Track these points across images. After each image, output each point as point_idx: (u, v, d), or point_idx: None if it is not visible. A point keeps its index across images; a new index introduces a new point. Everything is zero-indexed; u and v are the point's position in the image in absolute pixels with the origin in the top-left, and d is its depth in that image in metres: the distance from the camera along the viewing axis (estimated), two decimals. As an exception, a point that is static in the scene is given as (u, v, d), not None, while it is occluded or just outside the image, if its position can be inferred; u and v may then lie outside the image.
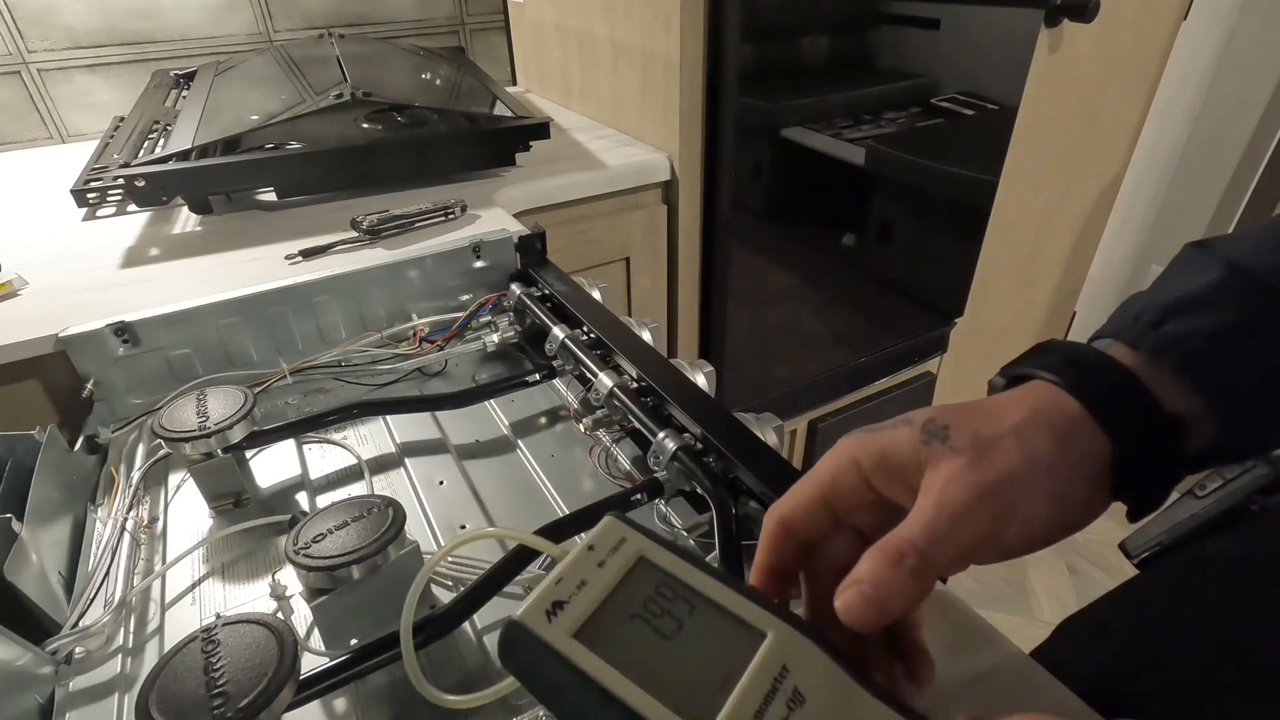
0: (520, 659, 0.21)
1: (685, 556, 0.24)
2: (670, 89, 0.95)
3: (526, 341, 0.66)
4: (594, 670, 0.20)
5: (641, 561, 0.24)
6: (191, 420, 0.46)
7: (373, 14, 1.34)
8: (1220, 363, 0.26)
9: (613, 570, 0.23)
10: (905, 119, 1.81)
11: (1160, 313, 0.27)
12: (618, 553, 0.24)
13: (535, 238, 0.72)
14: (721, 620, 0.23)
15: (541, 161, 0.98)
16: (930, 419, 0.26)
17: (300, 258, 0.73)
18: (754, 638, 0.22)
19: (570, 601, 0.22)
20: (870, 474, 0.26)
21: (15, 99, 1.14)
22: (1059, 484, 0.25)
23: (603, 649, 0.21)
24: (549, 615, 0.21)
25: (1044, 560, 1.38)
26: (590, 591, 0.22)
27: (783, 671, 0.21)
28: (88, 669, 0.38)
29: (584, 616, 0.22)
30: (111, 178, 0.84)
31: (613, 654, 0.21)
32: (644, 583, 0.23)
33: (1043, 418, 0.25)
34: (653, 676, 0.20)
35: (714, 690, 0.20)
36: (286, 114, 0.86)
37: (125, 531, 0.46)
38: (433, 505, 0.49)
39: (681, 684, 0.20)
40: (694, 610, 0.23)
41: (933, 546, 0.23)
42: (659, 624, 0.22)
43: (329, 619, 0.36)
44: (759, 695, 0.20)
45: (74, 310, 0.63)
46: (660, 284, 1.11)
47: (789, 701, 0.21)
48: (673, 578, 0.24)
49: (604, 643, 0.21)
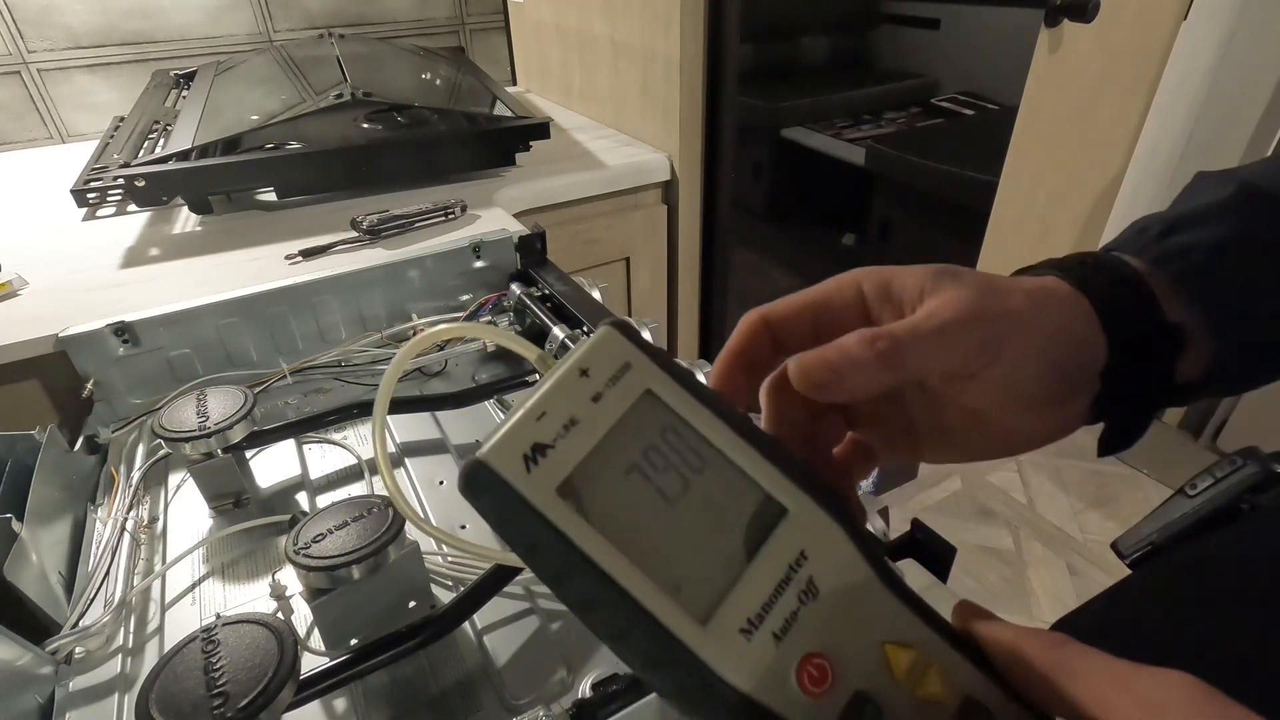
0: (489, 505, 0.18)
1: (700, 395, 0.20)
2: (670, 89, 0.95)
3: (526, 341, 0.66)
4: (580, 538, 0.17)
5: (647, 397, 0.19)
6: (191, 420, 0.46)
7: (373, 14, 1.34)
8: (1220, 276, 0.25)
9: (610, 408, 0.19)
10: (905, 119, 1.81)
11: (1166, 225, 0.27)
12: (618, 385, 0.19)
13: (535, 238, 0.72)
14: (737, 484, 0.19)
15: (541, 161, 0.98)
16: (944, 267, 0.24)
17: (300, 258, 0.73)
18: (772, 511, 0.19)
19: (555, 446, 0.18)
20: (869, 295, 0.24)
21: (15, 99, 1.14)
22: (1054, 351, 0.24)
23: (592, 511, 0.17)
24: (527, 462, 0.17)
25: (1044, 560, 1.38)
26: (580, 434, 0.18)
27: (800, 558, 0.18)
28: (88, 669, 0.38)
29: (571, 466, 0.18)
30: (111, 178, 0.84)
31: (604, 518, 0.17)
32: (647, 425, 0.19)
33: (1050, 293, 0.25)
34: (649, 550, 0.17)
35: (719, 572, 0.18)
36: (286, 114, 0.86)
37: (125, 531, 0.46)
38: (433, 505, 0.49)
39: (681, 562, 0.18)
40: (705, 467, 0.19)
41: (911, 340, 0.22)
42: (662, 482, 0.18)
43: (329, 619, 0.36)
44: (770, 584, 0.18)
45: (74, 310, 0.63)
46: (660, 284, 1.11)
47: (801, 594, 0.18)
48: (683, 422, 0.19)
49: (594, 503, 0.18)
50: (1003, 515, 1.48)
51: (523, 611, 0.41)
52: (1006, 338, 0.23)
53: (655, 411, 0.19)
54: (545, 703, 0.31)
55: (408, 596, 0.39)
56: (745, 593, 0.18)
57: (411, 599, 0.39)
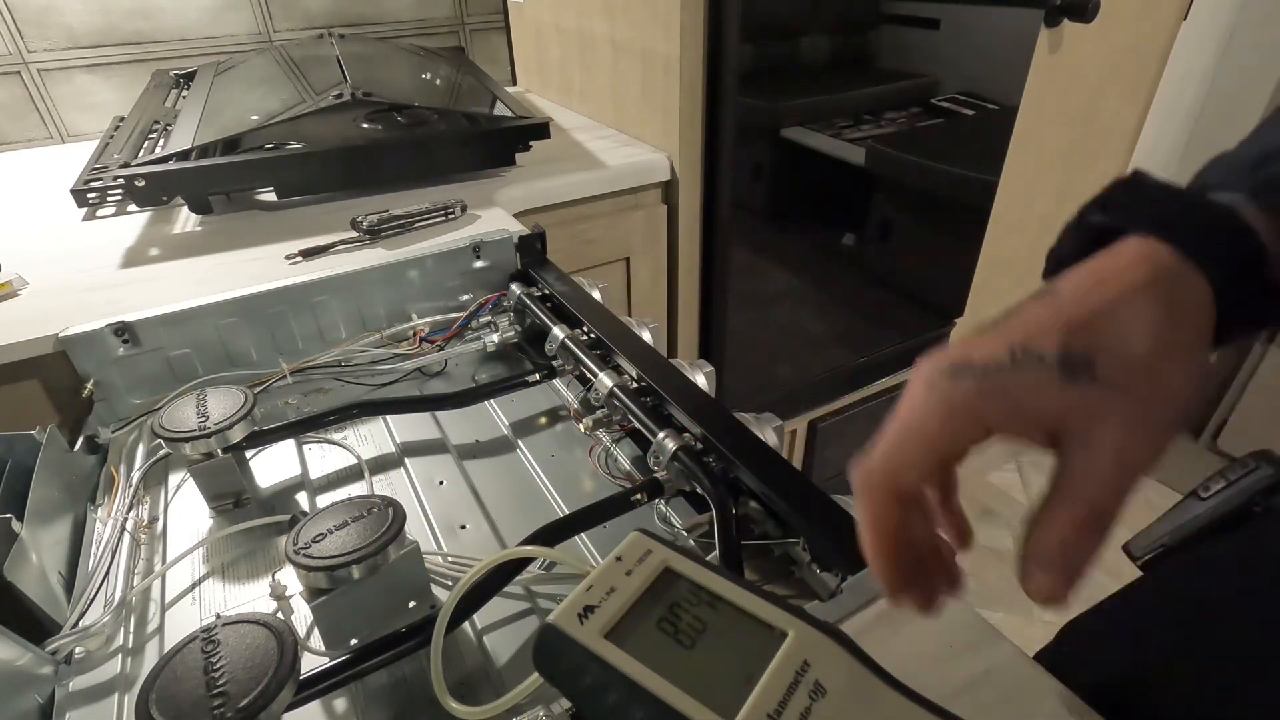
0: (554, 661, 0.23)
1: (709, 566, 0.26)
2: (670, 89, 0.95)
3: (526, 341, 0.66)
4: (625, 667, 0.22)
5: (667, 570, 0.25)
6: (191, 420, 0.46)
7: (373, 14, 1.34)
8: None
9: (639, 578, 0.25)
10: (905, 119, 1.81)
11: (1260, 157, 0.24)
12: (644, 563, 0.25)
13: (535, 238, 0.72)
14: (744, 622, 0.24)
15: (541, 161, 0.98)
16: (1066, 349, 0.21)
17: (300, 258, 0.73)
18: (776, 637, 0.23)
19: (600, 606, 0.24)
20: (999, 427, 0.22)
21: (15, 99, 1.14)
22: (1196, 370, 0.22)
23: (632, 647, 0.22)
24: (580, 618, 0.23)
25: (1044, 560, 1.38)
26: (619, 597, 0.24)
27: (804, 666, 0.22)
28: (88, 669, 0.38)
29: (614, 618, 0.23)
30: (111, 178, 0.84)
31: (642, 652, 0.22)
32: (670, 589, 0.25)
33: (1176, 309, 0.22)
34: (680, 672, 0.22)
35: (739, 684, 0.21)
36: (286, 114, 0.86)
37: (125, 531, 0.46)
38: (433, 505, 0.49)
39: (708, 678, 0.22)
40: (718, 613, 0.24)
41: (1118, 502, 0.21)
42: (685, 625, 0.23)
43: (329, 619, 0.36)
44: (782, 686, 0.21)
45: (74, 310, 0.63)
46: (660, 284, 1.11)
47: (811, 692, 0.22)
48: (696, 584, 0.25)
49: (633, 642, 0.23)
50: (1003, 515, 1.48)
51: (523, 611, 0.41)
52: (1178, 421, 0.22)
53: (673, 578, 0.25)
54: (545, 703, 0.31)
55: (408, 596, 0.39)
56: (763, 694, 0.21)
57: (411, 599, 0.39)
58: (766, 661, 0.22)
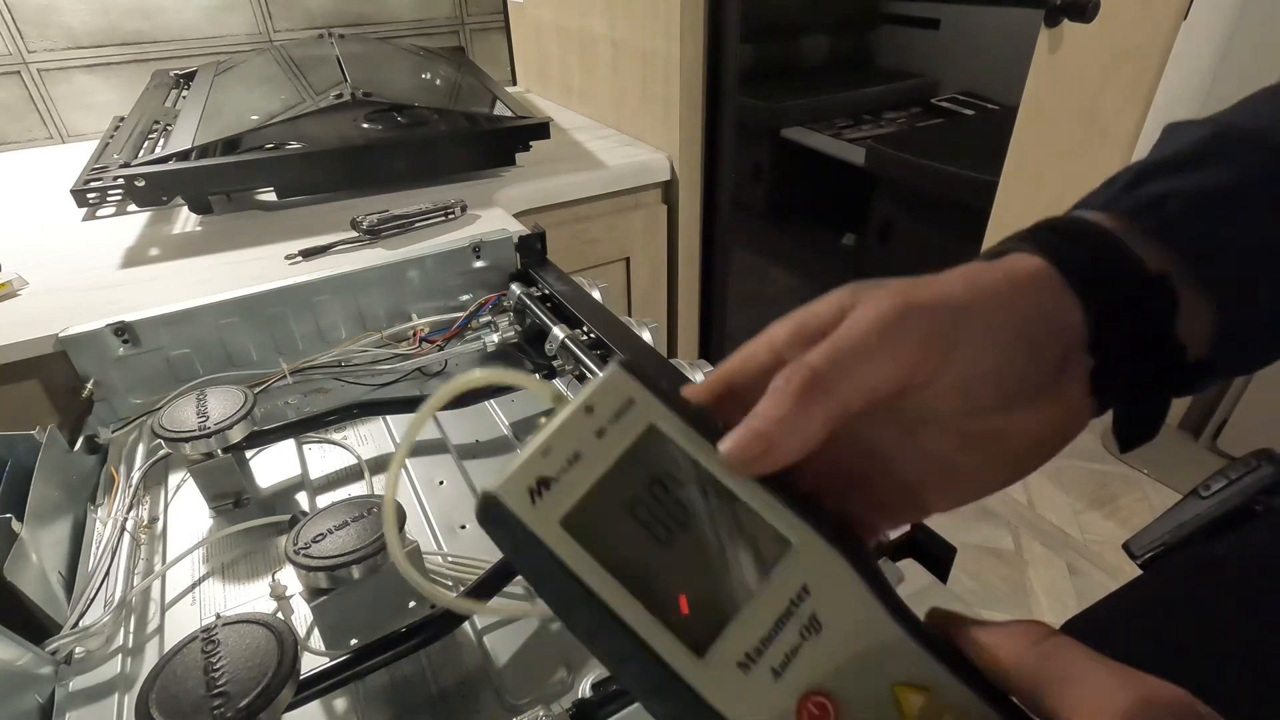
0: (498, 533, 0.18)
1: (705, 430, 0.19)
2: (670, 89, 0.95)
3: (526, 341, 0.66)
4: (583, 571, 0.17)
5: (651, 433, 0.19)
6: (191, 420, 0.46)
7: (373, 14, 1.34)
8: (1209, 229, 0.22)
9: (614, 443, 0.19)
10: (905, 119, 1.82)
11: (1137, 175, 0.24)
12: (622, 420, 0.19)
13: (535, 238, 0.72)
14: (740, 518, 0.19)
15: (541, 161, 0.98)
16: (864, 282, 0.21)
17: (300, 258, 0.73)
18: (776, 547, 0.19)
19: (559, 480, 0.18)
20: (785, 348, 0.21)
21: (15, 99, 1.14)
22: (1015, 329, 0.20)
23: (595, 544, 0.18)
24: (532, 495, 0.18)
25: (1044, 560, 1.38)
26: (584, 469, 0.18)
27: (803, 592, 0.18)
28: (88, 669, 0.38)
29: (575, 500, 0.18)
30: (111, 178, 0.84)
31: (606, 550, 0.18)
32: (651, 461, 0.19)
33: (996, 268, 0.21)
34: (649, 583, 0.18)
35: (720, 607, 0.18)
36: (286, 114, 0.86)
37: (125, 531, 0.46)
38: (433, 505, 0.49)
39: (680, 595, 0.18)
40: (709, 502, 0.19)
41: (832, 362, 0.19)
42: (665, 512, 0.19)
43: (329, 619, 0.36)
44: (770, 619, 0.18)
45: (74, 310, 0.63)
46: (660, 284, 1.11)
47: (804, 629, 0.18)
48: (686, 456, 0.19)
49: (597, 536, 0.18)
50: (1003, 515, 1.48)
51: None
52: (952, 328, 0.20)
53: (659, 446, 0.19)
54: (545, 703, 0.31)
55: (408, 596, 0.39)
56: (744, 627, 0.18)
57: (411, 599, 0.39)
58: (758, 579, 0.18)
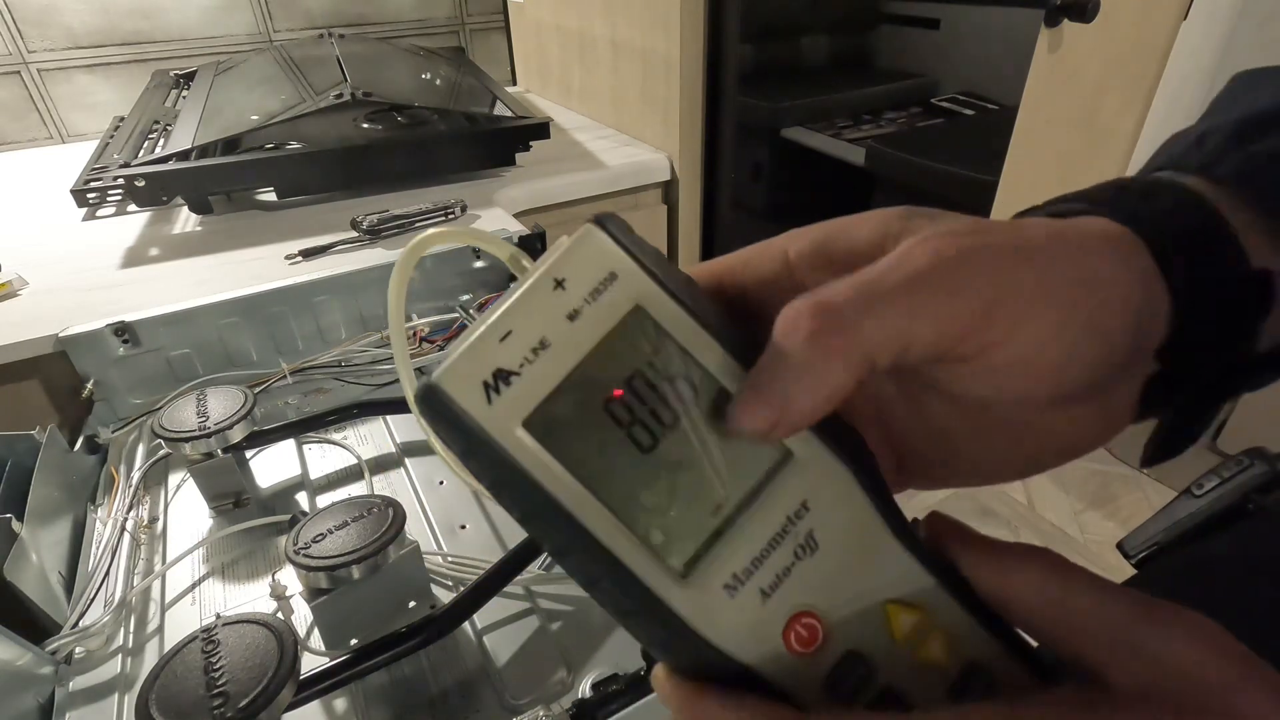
0: (448, 434, 0.15)
1: (700, 314, 0.16)
2: (670, 89, 0.95)
3: (526, 341, 0.66)
4: (550, 483, 0.14)
5: (634, 315, 0.15)
6: (191, 420, 0.46)
7: (373, 14, 1.34)
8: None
9: (589, 327, 0.15)
10: (905, 119, 1.81)
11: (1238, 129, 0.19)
12: (599, 299, 0.15)
13: (535, 238, 0.72)
14: None
15: (541, 161, 0.98)
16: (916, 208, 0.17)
17: (300, 258, 0.73)
18: (774, 456, 0.16)
19: (520, 374, 0.14)
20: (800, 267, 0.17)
21: (15, 99, 1.14)
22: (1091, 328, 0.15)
23: (565, 451, 0.15)
24: (488, 391, 0.14)
25: (1044, 560, 1.38)
26: (552, 361, 0.15)
27: (801, 509, 0.16)
28: (88, 669, 0.38)
29: (539, 398, 0.14)
30: (111, 178, 0.84)
31: (576, 458, 0.15)
32: (634, 348, 0.15)
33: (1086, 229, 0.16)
34: (628, 496, 0.15)
35: (707, 522, 0.15)
36: (286, 114, 0.86)
37: (125, 531, 0.46)
38: (433, 505, 0.49)
39: (665, 511, 0.15)
40: (699, 401, 0.16)
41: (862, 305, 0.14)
42: (647, 417, 0.15)
43: (329, 619, 0.36)
44: (764, 537, 0.16)
45: (74, 310, 0.63)
46: (660, 284, 1.11)
47: (799, 548, 0.16)
48: (677, 346, 0.16)
49: (565, 440, 0.15)
50: (1003, 515, 1.48)
51: (523, 611, 0.41)
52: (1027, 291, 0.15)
53: (643, 333, 0.15)
54: (545, 703, 0.31)
55: (408, 596, 0.39)
56: (734, 546, 0.15)
57: (411, 599, 0.39)
58: (753, 493, 0.16)
